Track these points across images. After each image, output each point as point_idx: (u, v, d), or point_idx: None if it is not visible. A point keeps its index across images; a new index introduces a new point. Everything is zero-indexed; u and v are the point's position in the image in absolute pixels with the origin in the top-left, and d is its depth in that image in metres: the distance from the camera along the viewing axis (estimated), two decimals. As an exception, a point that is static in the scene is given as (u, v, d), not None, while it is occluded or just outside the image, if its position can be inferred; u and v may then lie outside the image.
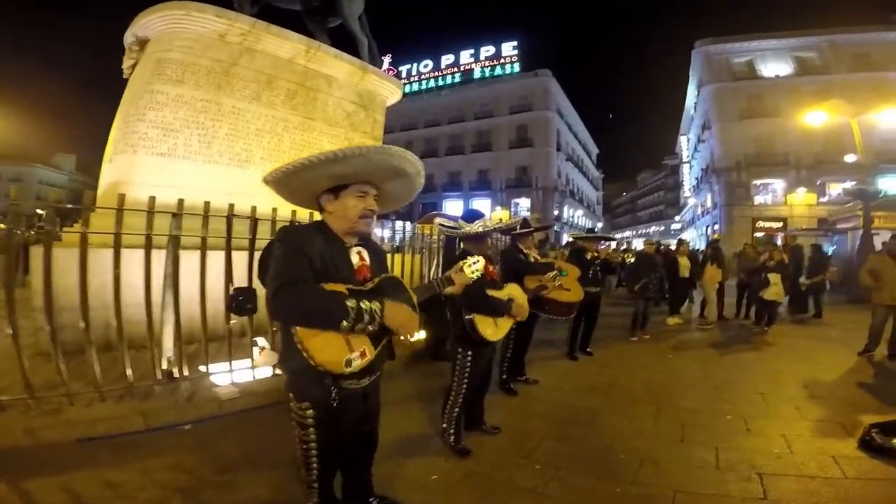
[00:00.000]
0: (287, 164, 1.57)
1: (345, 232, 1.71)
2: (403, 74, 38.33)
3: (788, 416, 3.59)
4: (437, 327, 4.36)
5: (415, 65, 38.88)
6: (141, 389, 3.20)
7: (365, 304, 1.50)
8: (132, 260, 3.22)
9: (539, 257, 4.40)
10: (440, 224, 2.97)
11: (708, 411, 3.66)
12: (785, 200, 25.47)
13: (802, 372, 4.88)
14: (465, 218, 2.80)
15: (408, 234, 5.92)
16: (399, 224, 6.22)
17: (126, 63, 6.18)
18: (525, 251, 4.09)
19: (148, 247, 3.08)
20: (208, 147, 5.70)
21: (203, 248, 3.21)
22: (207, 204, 3.26)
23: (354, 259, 1.72)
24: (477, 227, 2.72)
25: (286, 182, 1.64)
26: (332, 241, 1.67)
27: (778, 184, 26.00)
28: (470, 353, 2.81)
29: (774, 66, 26.38)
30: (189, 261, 3.38)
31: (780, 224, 24.74)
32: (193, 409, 3.16)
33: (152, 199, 3.08)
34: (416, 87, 38.67)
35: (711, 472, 2.63)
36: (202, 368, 3.48)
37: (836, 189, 24.71)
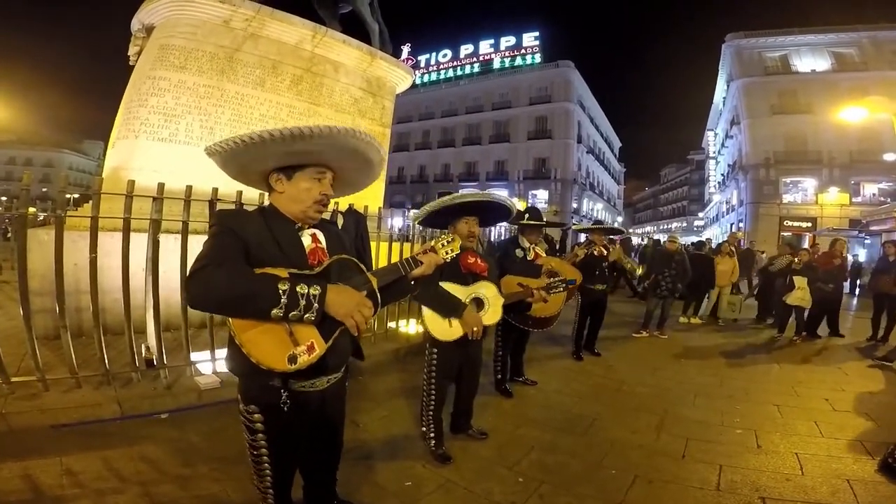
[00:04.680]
0: (241, 136, 1.35)
1: (295, 216, 1.52)
2: (422, 64, 38.15)
3: (805, 431, 3.30)
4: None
5: (433, 54, 38.62)
6: (122, 377, 3.14)
7: (301, 288, 1.27)
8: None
9: (543, 254, 4.03)
10: (413, 217, 2.73)
11: (717, 424, 3.40)
12: (816, 199, 24.41)
13: (826, 383, 4.55)
14: None
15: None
16: (413, 213, 6.05)
17: (132, 50, 6.15)
18: (526, 244, 3.70)
19: (126, 230, 2.99)
20: (210, 133, 5.63)
21: (184, 232, 3.11)
22: (189, 188, 3.15)
23: (307, 241, 1.52)
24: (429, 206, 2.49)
25: (236, 155, 1.42)
26: (279, 223, 1.48)
27: (809, 182, 24.95)
28: (435, 349, 2.62)
29: (810, 62, 25.19)
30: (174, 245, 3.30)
31: (809, 224, 23.79)
32: (171, 399, 3.08)
33: (131, 182, 2.97)
34: (434, 76, 38.44)
35: (709, 495, 2.39)
36: (193, 357, 3.39)
37: (870, 189, 23.63)
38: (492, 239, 8.26)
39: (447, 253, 1.82)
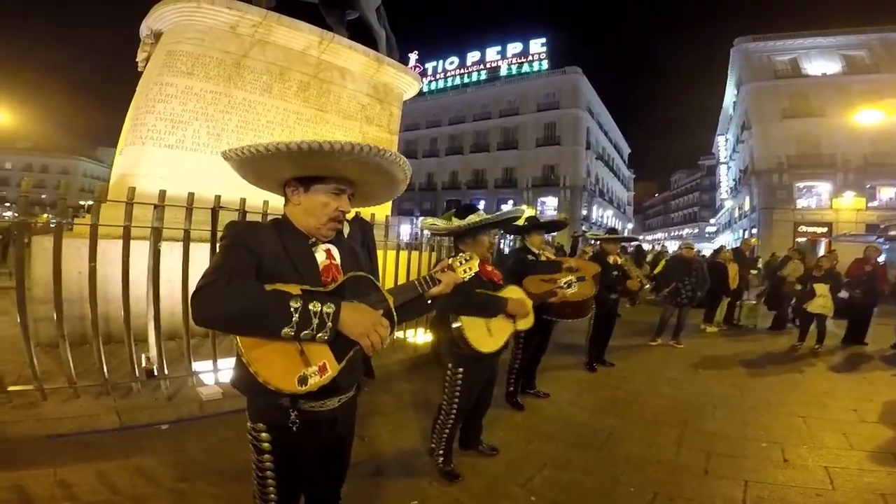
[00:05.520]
0: (258, 145, 1.27)
1: (308, 230, 1.43)
2: (429, 71, 38.33)
3: (833, 444, 3.13)
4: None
5: (441, 62, 38.76)
6: (122, 387, 3.07)
7: (314, 306, 1.19)
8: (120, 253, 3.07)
9: (552, 256, 4.00)
10: (428, 226, 2.64)
11: (740, 437, 3.24)
12: (831, 204, 23.92)
13: (852, 392, 4.36)
14: (457, 214, 2.48)
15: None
16: (427, 222, 5.95)
17: (140, 56, 6.18)
18: (535, 251, 3.70)
19: (126, 238, 2.93)
20: (217, 139, 5.62)
21: (186, 240, 3.05)
22: (191, 195, 3.09)
23: (321, 257, 1.43)
24: (464, 222, 2.36)
25: (252, 163, 1.36)
26: (293, 237, 1.40)
27: (823, 186, 24.48)
28: (461, 370, 2.44)
29: (820, 65, 24.82)
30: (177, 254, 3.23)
31: (825, 229, 23.28)
32: (172, 409, 3.00)
33: (132, 189, 2.92)
34: (441, 84, 38.57)
35: (737, 516, 2.25)
36: (195, 367, 3.31)
37: (887, 193, 23.14)
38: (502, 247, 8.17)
39: (465, 272, 1.71)
